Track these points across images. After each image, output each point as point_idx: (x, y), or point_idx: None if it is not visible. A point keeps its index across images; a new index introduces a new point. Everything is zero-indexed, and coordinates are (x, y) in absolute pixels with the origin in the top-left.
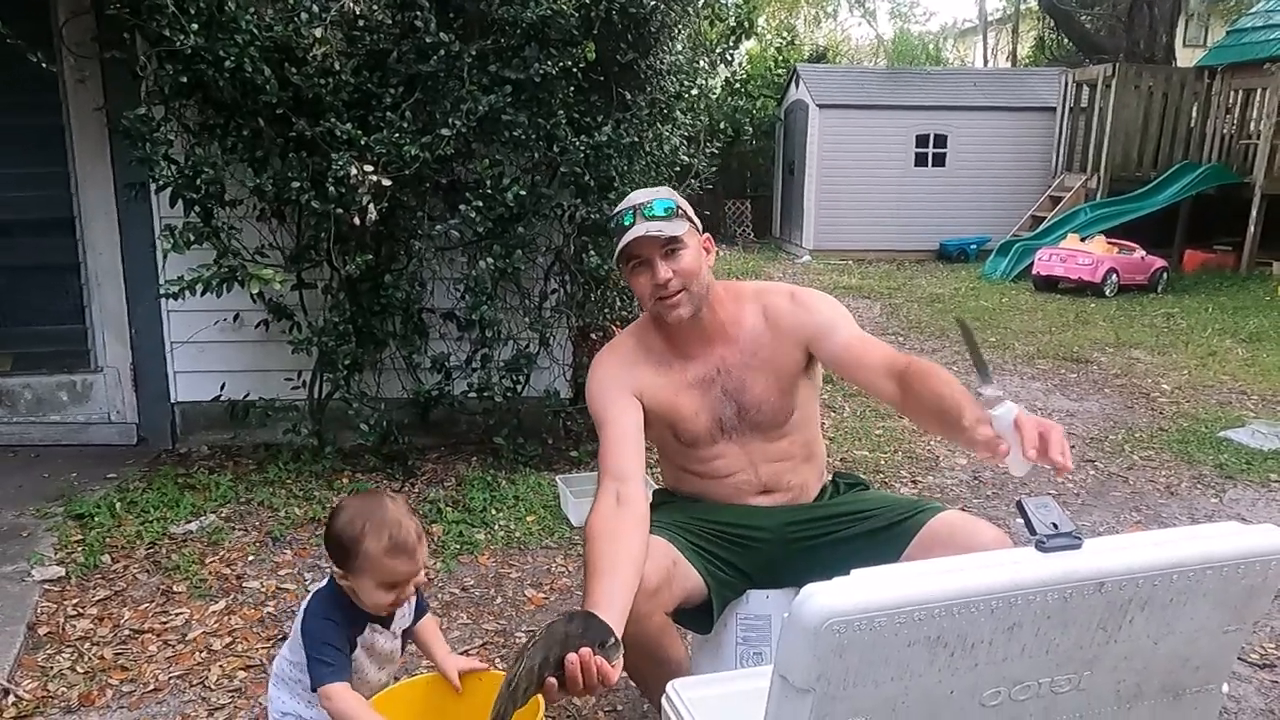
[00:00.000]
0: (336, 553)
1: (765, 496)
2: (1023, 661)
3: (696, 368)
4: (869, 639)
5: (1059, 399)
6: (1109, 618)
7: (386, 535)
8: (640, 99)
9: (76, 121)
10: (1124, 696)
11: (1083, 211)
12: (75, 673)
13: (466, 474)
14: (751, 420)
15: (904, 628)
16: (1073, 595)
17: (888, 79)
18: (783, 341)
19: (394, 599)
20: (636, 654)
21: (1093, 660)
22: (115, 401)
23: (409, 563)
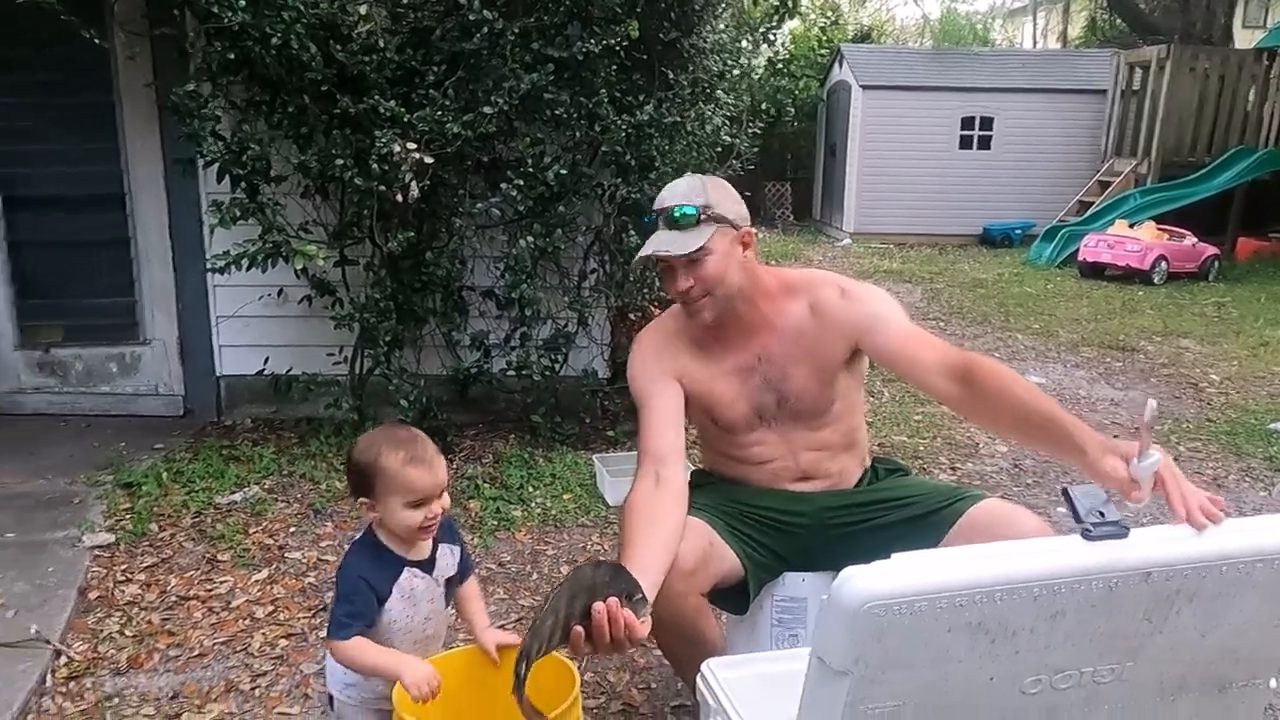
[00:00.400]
0: (358, 482)
1: (803, 483)
2: (1065, 650)
3: (737, 355)
4: (908, 623)
5: (1103, 388)
6: (1155, 609)
7: (402, 450)
8: (682, 78)
9: (127, 98)
10: (1167, 689)
11: (1132, 197)
12: (124, 636)
13: (504, 451)
14: (791, 409)
15: (944, 613)
16: (1118, 585)
17: (934, 60)
18: (828, 334)
19: (423, 519)
20: (672, 634)
21: (1137, 650)
22: (162, 374)
23: (429, 474)
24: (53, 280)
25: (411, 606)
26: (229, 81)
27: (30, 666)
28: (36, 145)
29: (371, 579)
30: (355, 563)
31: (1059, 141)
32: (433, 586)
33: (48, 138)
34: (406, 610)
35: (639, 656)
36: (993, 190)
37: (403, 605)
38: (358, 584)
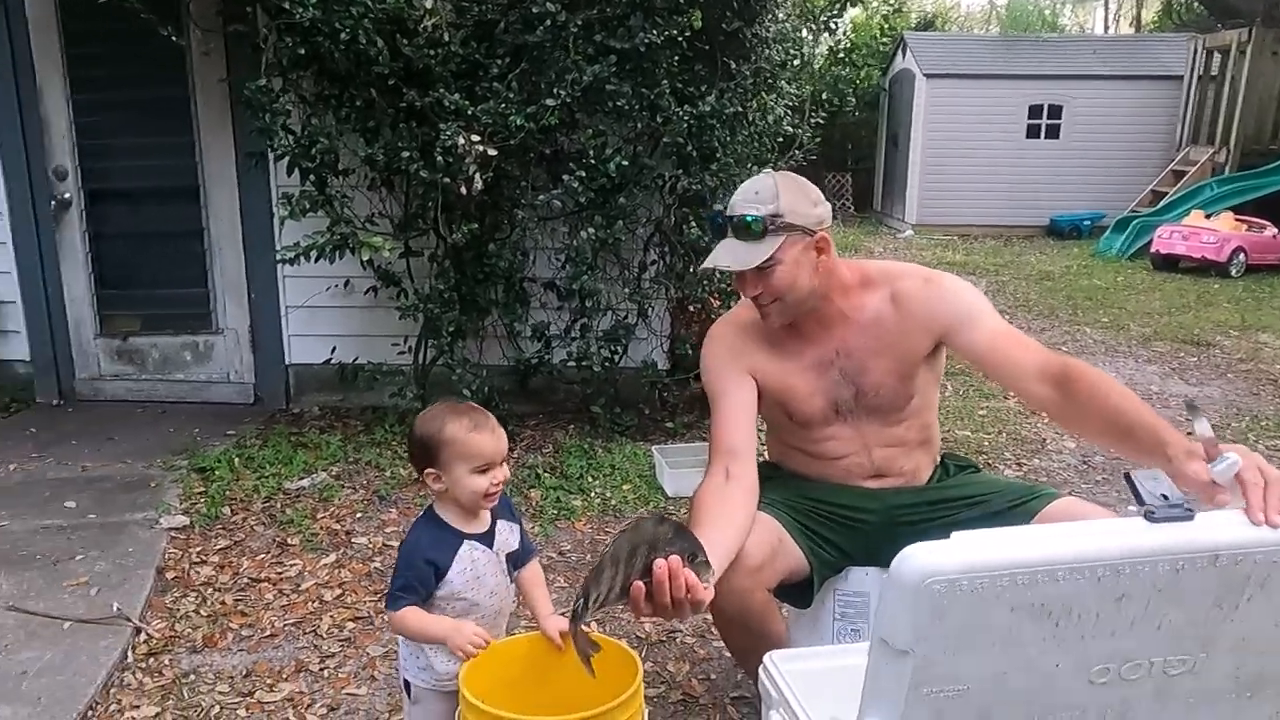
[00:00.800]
0: (423, 453)
1: (876, 480)
2: (1132, 636)
3: (814, 349)
4: (969, 601)
5: (1177, 384)
6: (1225, 595)
7: (465, 418)
8: (745, 68)
9: (201, 94)
10: (1243, 684)
11: (1209, 187)
12: (199, 615)
13: (564, 441)
14: (869, 404)
15: (1006, 591)
16: (1184, 568)
17: (1000, 47)
18: (910, 327)
19: (488, 485)
20: (737, 628)
21: (1208, 640)
22: (234, 362)
23: (493, 440)
24: (130, 271)
25: (475, 580)
26: (299, 76)
27: (112, 643)
28: (115, 140)
29: (431, 553)
30: (415, 537)
31: (1131, 130)
32: (494, 560)
33: (126, 132)
34: (471, 584)
35: (699, 648)
36: (1061, 180)
37: (466, 579)
38: (414, 557)
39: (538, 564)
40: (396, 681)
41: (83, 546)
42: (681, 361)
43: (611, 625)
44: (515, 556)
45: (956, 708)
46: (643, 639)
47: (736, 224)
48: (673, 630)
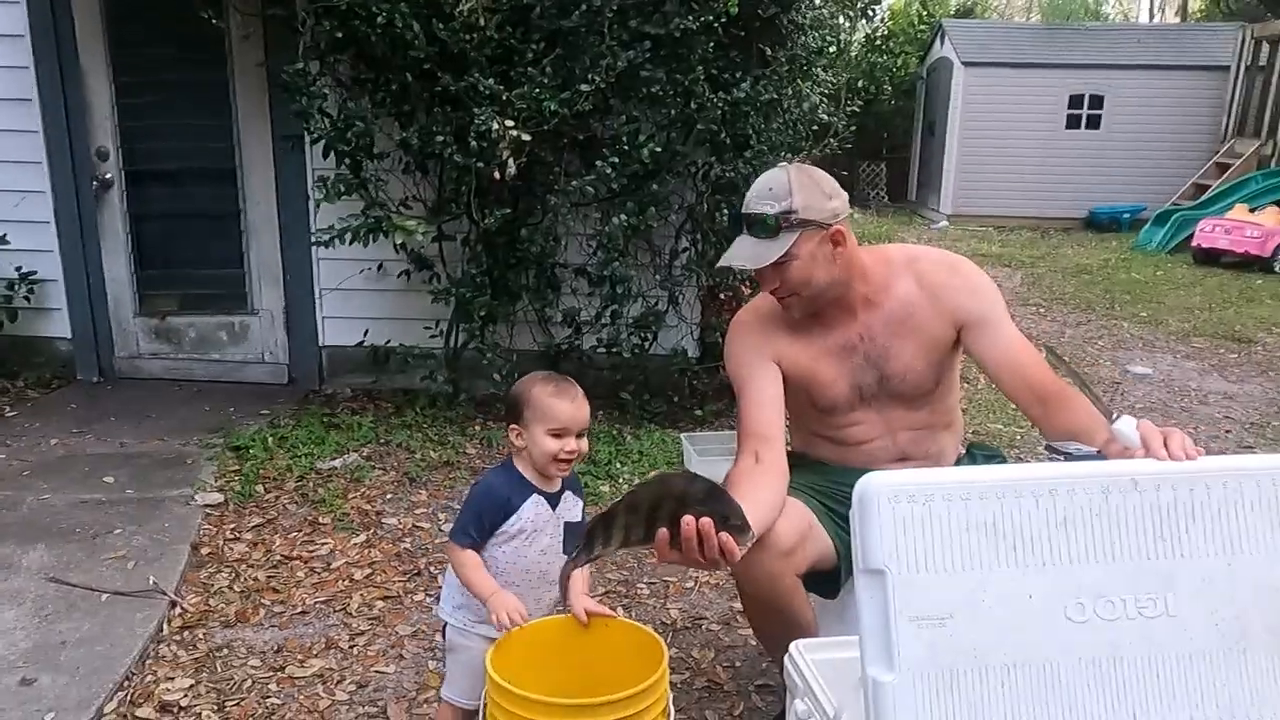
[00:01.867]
0: (510, 409)
1: (901, 464)
2: (1091, 566)
3: (838, 335)
4: (924, 514)
5: (1216, 380)
6: (1162, 525)
7: (551, 384)
8: (780, 54)
9: (240, 76)
10: (1228, 635)
11: (1254, 180)
12: (232, 591)
13: (593, 427)
14: (893, 389)
15: (956, 507)
16: (1110, 490)
17: (1041, 35)
18: (938, 313)
19: (559, 450)
20: (766, 613)
21: (1169, 576)
22: (269, 343)
23: (572, 408)
24: (169, 252)
25: (533, 531)
26: (336, 60)
27: (148, 615)
28: (155, 121)
29: (502, 495)
30: (491, 477)
31: (1174, 121)
32: (555, 523)
33: (166, 114)
34: (527, 535)
35: (724, 635)
36: (1100, 172)
37: (523, 527)
38: (491, 495)
39: None
40: (424, 661)
41: (121, 521)
42: (712, 349)
43: (638, 611)
44: (574, 529)
45: (947, 641)
46: (668, 625)
47: (751, 221)
48: (699, 617)
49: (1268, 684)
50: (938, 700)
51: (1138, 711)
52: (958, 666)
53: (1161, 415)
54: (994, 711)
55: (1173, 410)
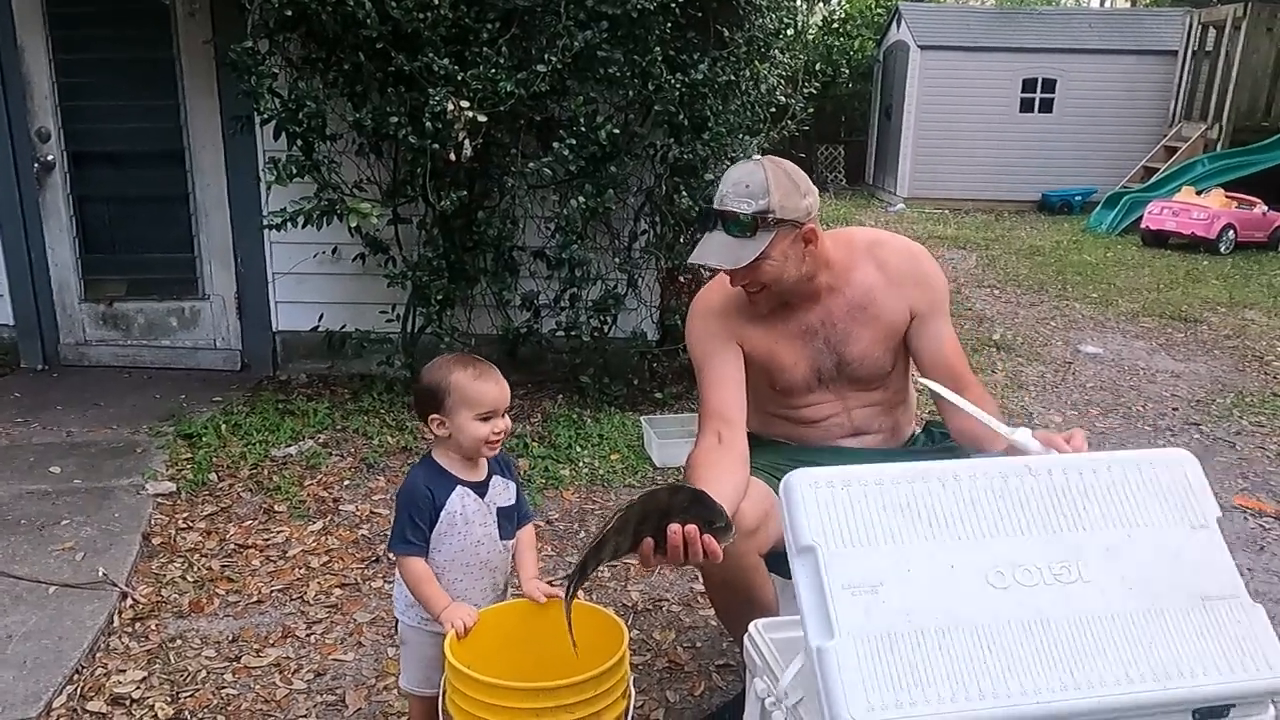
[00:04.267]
0: (428, 400)
1: (855, 439)
2: (1003, 539)
3: (799, 319)
4: (845, 498)
5: (1163, 359)
6: (1061, 502)
7: (471, 367)
8: (738, 36)
9: (187, 55)
10: (1143, 597)
11: (1201, 163)
12: (185, 581)
13: (552, 411)
14: (851, 373)
15: (871, 491)
16: (1009, 475)
17: (995, 19)
18: (897, 300)
19: (489, 433)
20: (728, 593)
21: (1077, 547)
22: (221, 328)
23: (497, 389)
24: (115, 235)
25: (464, 524)
26: (286, 38)
27: (98, 607)
28: (99, 101)
29: (428, 494)
30: (413, 477)
31: (1124, 105)
32: (485, 511)
33: (110, 94)
34: (459, 527)
35: (685, 616)
36: (1053, 155)
37: (454, 522)
38: (415, 492)
39: (532, 528)
40: (383, 648)
41: (68, 512)
42: (672, 332)
43: (598, 594)
44: (510, 514)
45: (880, 606)
46: (629, 607)
47: (726, 219)
48: (659, 599)
49: (1189, 641)
50: (878, 660)
51: (1074, 669)
52: (895, 630)
53: (1112, 394)
54: (935, 672)
55: (1122, 389)
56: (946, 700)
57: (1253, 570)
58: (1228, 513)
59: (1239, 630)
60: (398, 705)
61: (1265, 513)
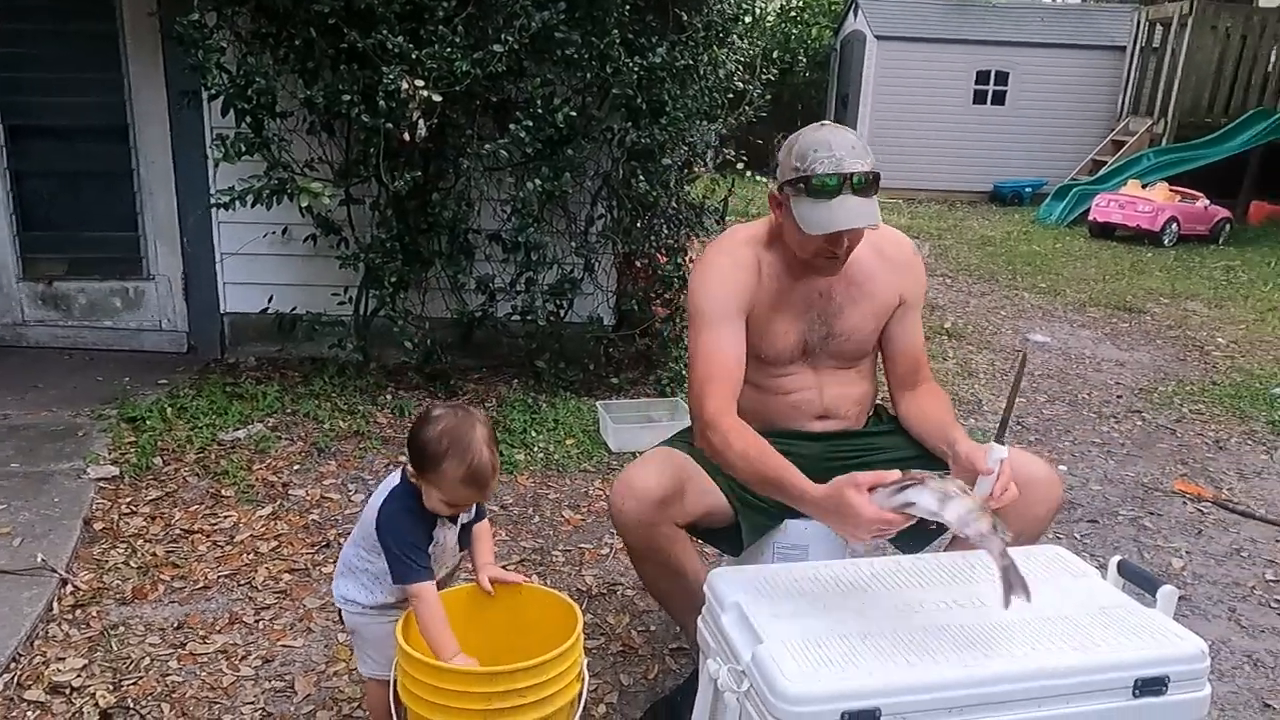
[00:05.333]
0: (416, 458)
1: (821, 422)
2: (910, 590)
3: (803, 288)
4: (766, 578)
5: (1109, 348)
6: (958, 570)
7: (467, 464)
8: (696, 20)
9: (130, 28)
10: (1047, 611)
11: (1146, 157)
12: (129, 567)
13: (507, 395)
14: (835, 348)
15: (785, 577)
16: (903, 559)
17: (951, 11)
18: (890, 284)
19: (452, 512)
20: (649, 565)
21: (977, 595)
22: (166, 310)
23: (479, 493)
24: (55, 212)
25: (440, 551)
26: (234, 12)
27: (37, 594)
28: (38, 74)
29: (421, 530)
30: (402, 517)
31: (1074, 99)
32: (453, 531)
33: (51, 66)
34: (435, 555)
35: (639, 600)
36: (1005, 147)
37: (433, 551)
38: (410, 535)
39: (487, 521)
40: (333, 634)
41: (5, 496)
42: (628, 317)
43: (553, 578)
44: (469, 524)
45: (804, 624)
46: (583, 591)
47: (857, 181)
48: (613, 583)
49: (1096, 629)
50: (807, 653)
51: (990, 648)
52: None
53: (1059, 382)
54: (861, 657)
55: (1069, 377)
56: (878, 673)
57: (1191, 553)
58: (1168, 497)
59: (1138, 621)
60: (349, 691)
61: (1203, 497)
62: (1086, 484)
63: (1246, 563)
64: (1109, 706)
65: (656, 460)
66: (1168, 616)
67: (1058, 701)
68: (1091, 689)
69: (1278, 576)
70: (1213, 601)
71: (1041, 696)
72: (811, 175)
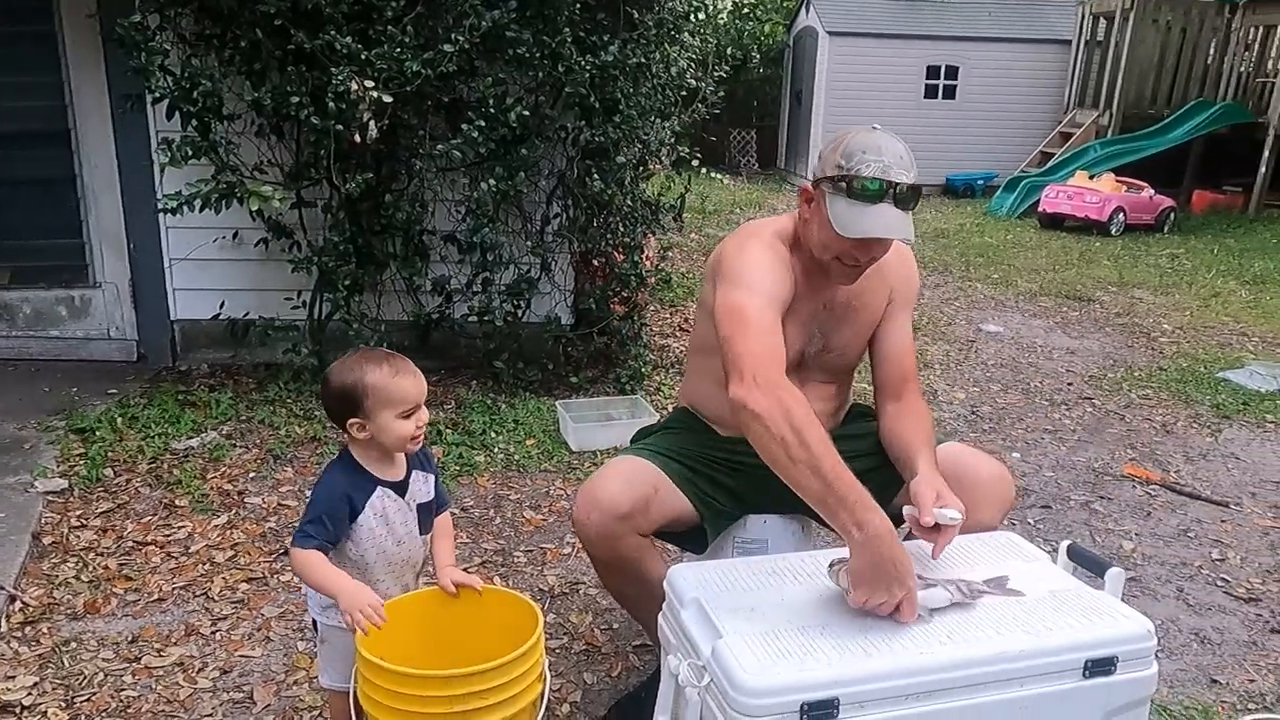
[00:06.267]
0: (344, 403)
1: None
2: None
3: (810, 299)
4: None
5: (1060, 337)
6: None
7: (386, 364)
8: (648, 18)
9: (69, 29)
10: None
11: (1093, 148)
12: (80, 581)
13: (466, 397)
14: (827, 362)
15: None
16: None
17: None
18: (880, 290)
19: (414, 429)
20: (614, 575)
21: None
22: (115, 317)
23: (416, 383)
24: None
25: (385, 526)
26: (177, 13)
27: None
28: None
29: (346, 496)
30: (331, 477)
31: (1023, 92)
32: (405, 510)
33: None
34: (380, 529)
35: (602, 598)
36: (956, 140)
37: (375, 524)
38: (332, 496)
39: (449, 515)
40: (293, 642)
41: None
42: (586, 315)
43: (515, 579)
44: (429, 508)
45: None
46: (546, 591)
47: (900, 193)
48: (576, 582)
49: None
50: (764, 646)
51: (951, 635)
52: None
53: (1011, 371)
54: (819, 647)
55: (1021, 366)
56: (836, 664)
57: (1140, 535)
58: (1118, 481)
59: (1087, 603)
60: (309, 700)
61: (1151, 480)
62: (1039, 470)
63: (1193, 543)
64: (1061, 688)
65: (622, 471)
66: (1116, 598)
67: (1011, 685)
68: (1044, 671)
69: (1223, 555)
70: (1161, 581)
71: (996, 680)
72: (855, 175)
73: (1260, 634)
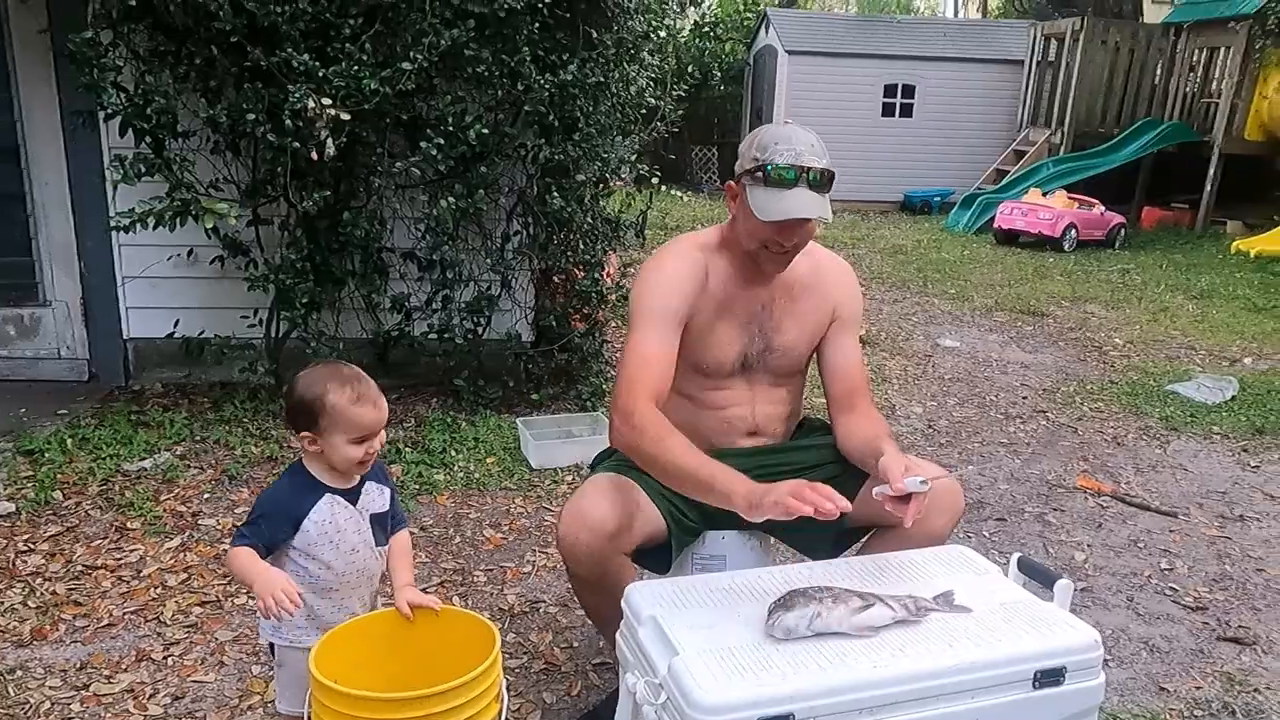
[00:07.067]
0: (302, 417)
1: (750, 439)
2: None
3: (748, 298)
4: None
5: (1015, 351)
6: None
7: (349, 387)
8: (607, 37)
9: (19, 44)
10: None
11: (1045, 166)
12: (26, 607)
13: (426, 415)
14: (772, 363)
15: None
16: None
17: (858, 27)
18: (825, 301)
19: (364, 454)
20: (595, 594)
21: None
22: (65, 336)
23: (375, 412)
24: None
25: (336, 533)
26: (131, 30)
27: None
28: None
29: (289, 501)
30: (276, 486)
31: (978, 111)
32: (357, 519)
33: None
34: (331, 536)
35: (561, 617)
36: (914, 158)
37: (323, 530)
38: (274, 500)
39: (407, 534)
40: (247, 666)
41: None
42: (546, 333)
43: (474, 598)
44: (383, 520)
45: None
46: (505, 610)
47: (813, 177)
48: (536, 601)
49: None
50: (721, 663)
51: (904, 648)
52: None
53: (968, 385)
54: (775, 662)
55: (977, 380)
56: (791, 679)
57: (1092, 546)
58: (1071, 493)
59: (1036, 615)
60: None
61: (1103, 492)
62: (995, 483)
63: (1143, 553)
64: (1012, 699)
65: (607, 490)
66: (1064, 609)
67: (963, 697)
68: (995, 683)
69: (1171, 565)
70: (1112, 592)
71: (948, 693)
72: (769, 165)
73: (1207, 642)
